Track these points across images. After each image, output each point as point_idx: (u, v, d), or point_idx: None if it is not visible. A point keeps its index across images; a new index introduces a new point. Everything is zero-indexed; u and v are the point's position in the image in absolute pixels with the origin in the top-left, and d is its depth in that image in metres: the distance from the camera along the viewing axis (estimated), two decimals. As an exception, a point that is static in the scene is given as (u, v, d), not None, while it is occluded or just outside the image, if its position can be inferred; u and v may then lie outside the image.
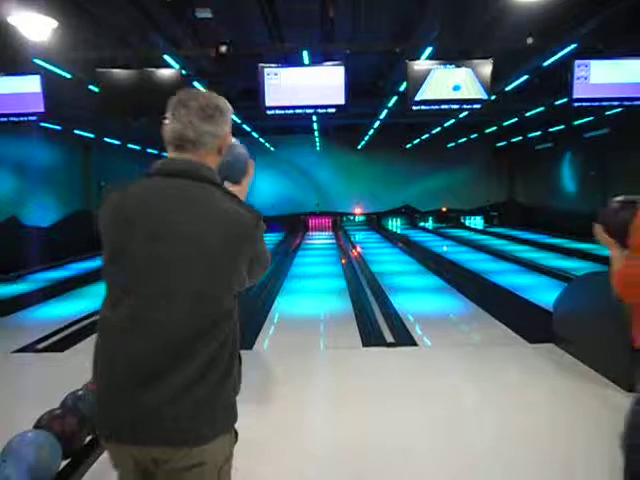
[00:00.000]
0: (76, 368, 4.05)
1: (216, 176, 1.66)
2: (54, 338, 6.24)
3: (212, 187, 1.61)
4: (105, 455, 2.64)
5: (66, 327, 6.72)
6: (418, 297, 8.41)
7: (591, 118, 14.56)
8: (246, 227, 1.59)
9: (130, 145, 18.42)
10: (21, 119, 7.22)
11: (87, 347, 6.08)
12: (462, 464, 3.20)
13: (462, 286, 8.97)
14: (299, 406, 4.06)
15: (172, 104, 1.65)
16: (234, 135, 1.79)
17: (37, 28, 5.05)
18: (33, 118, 7.21)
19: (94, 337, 1.63)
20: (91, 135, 15.30)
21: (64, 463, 2.31)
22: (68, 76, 8.07)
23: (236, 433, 1.73)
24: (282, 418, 3.70)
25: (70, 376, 3.49)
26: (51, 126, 12.68)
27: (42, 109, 7.11)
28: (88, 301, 8.45)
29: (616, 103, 7.87)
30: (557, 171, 19.92)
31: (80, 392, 2.71)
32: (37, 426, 2.34)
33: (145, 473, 1.62)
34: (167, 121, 1.64)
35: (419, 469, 3.16)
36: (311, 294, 8.77)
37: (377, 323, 6.63)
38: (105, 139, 16.44)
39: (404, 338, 5.97)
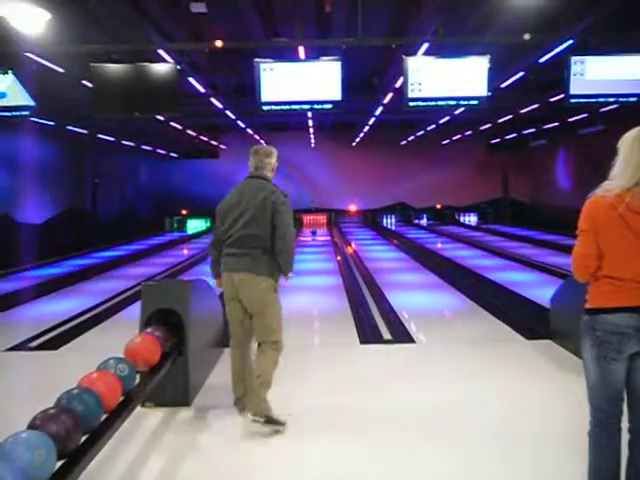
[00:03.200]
0: (71, 366, 4.00)
1: (270, 179, 3.84)
2: (48, 336, 6.18)
3: (267, 182, 3.81)
4: (99, 456, 2.60)
5: (60, 324, 6.65)
6: (414, 294, 8.39)
7: (585, 115, 14.59)
8: (276, 201, 3.67)
9: (124, 142, 18.30)
10: (13, 113, 7.12)
11: (81, 344, 6.05)
12: (459, 460, 3.17)
13: (457, 283, 8.96)
14: (295, 404, 4.03)
15: (251, 151, 3.86)
16: (227, 131, 2.37)
17: (29, 20, 4.97)
18: (25, 112, 7.12)
19: (88, 335, 1.64)
20: (85, 131, 15.19)
21: (59, 464, 2.25)
22: (61, 70, 7.98)
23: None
24: (278, 416, 3.66)
25: (65, 374, 3.44)
26: (44, 122, 12.57)
27: (32, 102, 7.02)
28: (82, 298, 8.38)
29: (612, 99, 7.86)
30: (551, 168, 19.96)
31: (75, 391, 2.65)
32: (31, 426, 2.29)
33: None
34: (251, 158, 3.83)
35: (416, 464, 3.13)
36: (306, 291, 8.73)
37: (374, 320, 6.60)
38: (99, 135, 16.32)
39: (401, 335, 5.95)
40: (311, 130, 19.31)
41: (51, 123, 12.99)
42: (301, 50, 7.70)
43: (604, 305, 2.31)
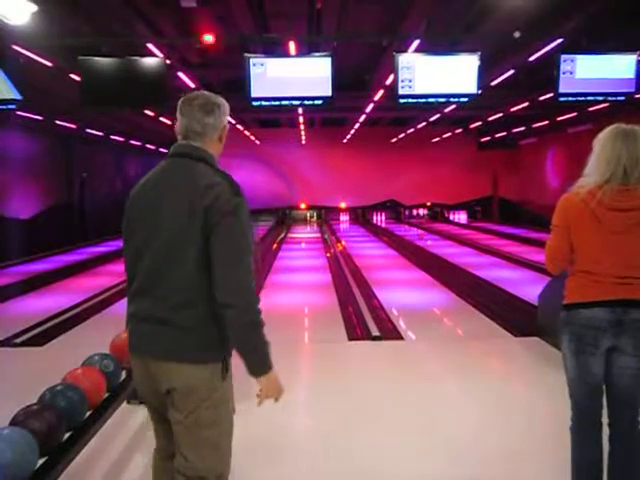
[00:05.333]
0: (55, 363, 3.96)
1: (210, 157, 1.99)
2: (34, 332, 6.11)
3: (204, 165, 1.95)
4: (83, 453, 2.56)
5: (46, 321, 6.59)
6: (403, 291, 8.40)
7: (574, 114, 14.67)
8: (215, 207, 1.83)
9: (113, 136, 18.14)
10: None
11: (67, 341, 6.00)
12: (445, 456, 3.17)
13: (446, 280, 8.97)
14: (283, 401, 4.01)
15: (179, 104, 2.01)
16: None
17: (15, 12, 4.91)
18: (12, 106, 7.04)
19: (74, 331, 1.64)
20: (73, 126, 15.03)
21: (41, 461, 2.23)
22: (48, 64, 7.89)
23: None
24: (265, 413, 3.65)
25: (49, 371, 3.41)
26: (32, 116, 12.42)
27: (18, 96, 6.94)
28: (68, 295, 8.30)
29: (601, 98, 7.90)
30: (540, 166, 20.07)
31: (59, 387, 2.63)
32: (13, 423, 2.26)
33: None
34: (178, 116, 2.01)
35: (403, 462, 3.13)
36: (295, 287, 8.72)
37: (362, 317, 6.59)
38: (87, 130, 16.16)
39: (390, 332, 5.95)
40: (302, 127, 19.26)
41: (39, 117, 12.84)
42: (292, 46, 7.67)
43: (579, 300, 2.35)
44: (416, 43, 7.53)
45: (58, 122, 14.27)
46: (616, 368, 2.33)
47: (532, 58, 8.65)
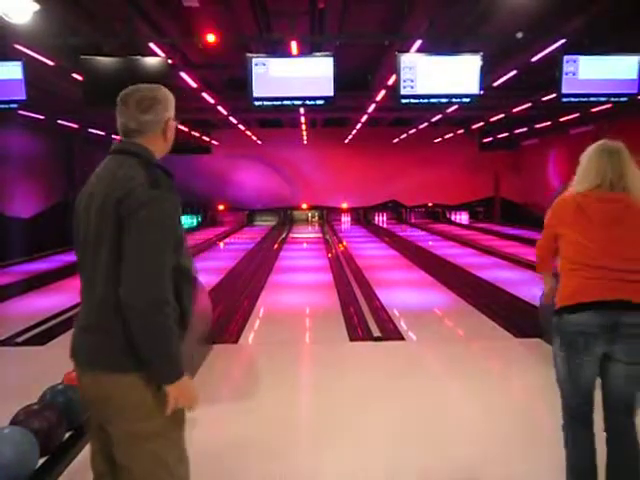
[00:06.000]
0: (56, 362, 3.94)
1: (145, 152, 1.86)
2: (35, 331, 6.12)
3: (133, 159, 1.83)
4: (85, 452, 2.55)
5: (47, 320, 6.59)
6: (404, 291, 8.38)
7: (577, 114, 14.65)
8: (126, 202, 1.70)
9: (115, 136, 18.15)
10: (1, 107, 7.04)
11: (68, 340, 5.95)
12: (446, 456, 3.16)
13: (448, 281, 8.96)
14: (285, 401, 4.01)
15: (117, 100, 1.91)
16: (219, 127, 1.94)
17: (18, 11, 4.90)
18: (14, 106, 7.03)
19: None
20: (74, 125, 15.05)
21: (42, 460, 2.22)
22: (50, 63, 7.90)
23: None
24: (267, 413, 3.65)
25: (50, 370, 3.40)
26: (34, 115, 12.44)
27: (23, 96, 6.94)
28: (69, 294, 8.29)
29: (603, 99, 7.88)
30: (542, 167, 20.06)
31: (60, 386, 2.63)
32: (14, 422, 2.26)
33: None
34: (117, 115, 1.91)
35: (403, 461, 3.12)
36: (296, 288, 8.71)
37: (364, 317, 6.58)
38: (90, 129, 16.17)
39: (391, 332, 5.94)
40: (303, 127, 19.26)
41: (41, 117, 12.85)
42: (294, 46, 7.66)
43: (568, 303, 2.33)
44: (418, 43, 7.53)
45: (60, 121, 14.29)
46: (610, 376, 2.33)
47: (534, 59, 8.65)
